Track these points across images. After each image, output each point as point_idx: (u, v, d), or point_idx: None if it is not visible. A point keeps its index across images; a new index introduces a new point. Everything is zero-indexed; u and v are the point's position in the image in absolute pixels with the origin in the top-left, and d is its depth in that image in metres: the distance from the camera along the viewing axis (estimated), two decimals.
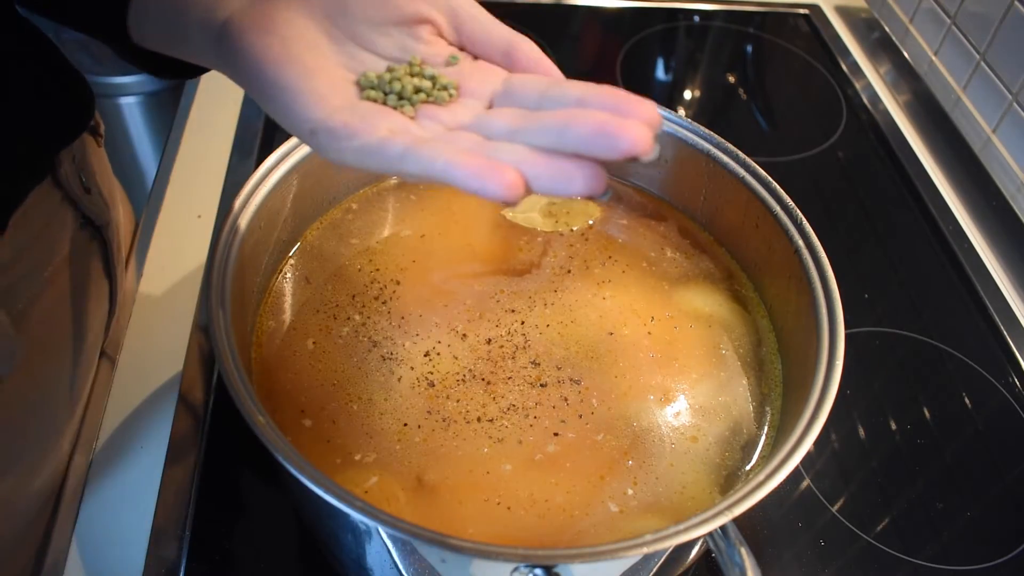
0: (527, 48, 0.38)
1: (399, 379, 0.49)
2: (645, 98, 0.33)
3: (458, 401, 0.49)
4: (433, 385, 0.49)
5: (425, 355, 0.51)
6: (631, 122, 0.31)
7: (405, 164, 0.33)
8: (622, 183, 0.63)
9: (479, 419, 0.48)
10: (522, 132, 0.33)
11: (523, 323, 0.53)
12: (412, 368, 0.50)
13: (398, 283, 0.55)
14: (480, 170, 0.31)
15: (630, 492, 0.46)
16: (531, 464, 0.47)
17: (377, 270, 0.55)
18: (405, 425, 0.48)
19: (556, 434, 0.48)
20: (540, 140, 0.32)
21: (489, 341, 0.52)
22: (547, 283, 0.56)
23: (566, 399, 0.50)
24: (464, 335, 0.52)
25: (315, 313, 0.53)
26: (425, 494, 0.45)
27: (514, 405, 0.49)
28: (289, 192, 0.53)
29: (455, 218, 0.59)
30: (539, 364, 0.51)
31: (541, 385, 0.50)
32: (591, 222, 0.60)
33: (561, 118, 0.32)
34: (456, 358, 0.51)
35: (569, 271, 0.57)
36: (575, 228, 0.60)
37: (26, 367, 0.45)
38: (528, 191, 0.32)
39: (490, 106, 0.37)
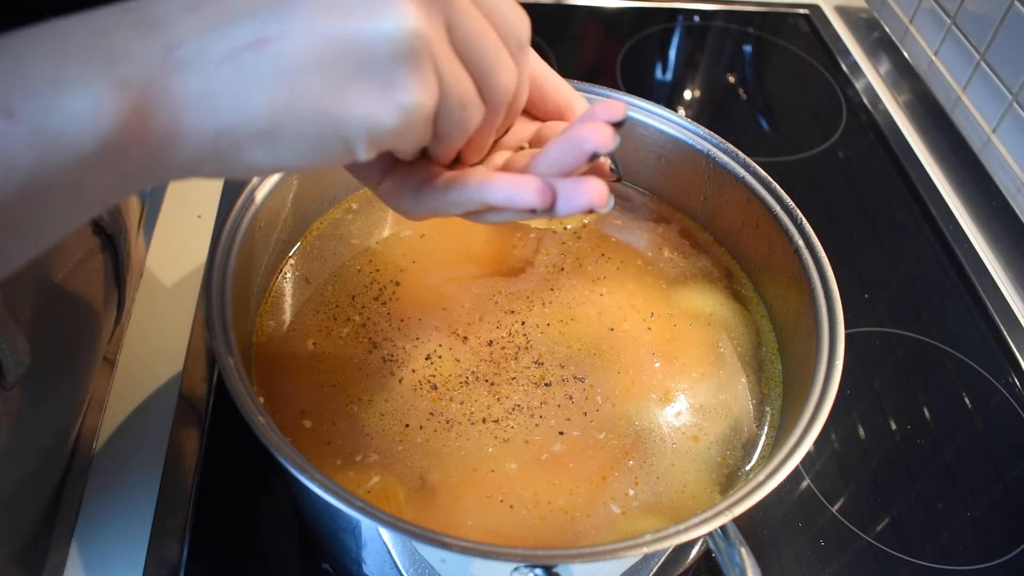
0: (581, 108, 0.41)
1: (400, 380, 0.49)
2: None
3: (462, 403, 0.49)
4: (436, 388, 0.49)
5: (427, 358, 0.51)
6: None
7: (450, 194, 0.37)
8: (622, 184, 0.63)
9: (484, 420, 0.48)
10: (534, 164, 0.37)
11: (523, 323, 0.53)
12: (414, 371, 0.50)
13: (397, 284, 0.55)
14: (512, 184, 0.35)
15: (631, 492, 0.46)
16: (537, 464, 0.47)
17: (377, 271, 0.55)
18: (407, 426, 0.47)
19: (561, 433, 0.48)
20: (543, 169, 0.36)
21: (491, 343, 0.52)
22: (543, 282, 0.56)
23: (571, 397, 0.50)
24: (465, 338, 0.52)
25: (315, 313, 0.53)
26: (428, 494, 0.45)
27: (519, 405, 0.49)
28: (289, 192, 0.53)
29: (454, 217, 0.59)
30: (543, 363, 0.51)
31: (546, 384, 0.50)
32: (586, 221, 0.60)
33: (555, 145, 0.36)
34: (458, 360, 0.51)
35: (563, 269, 0.57)
36: (569, 227, 0.60)
37: (34, 374, 0.45)
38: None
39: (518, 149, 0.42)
